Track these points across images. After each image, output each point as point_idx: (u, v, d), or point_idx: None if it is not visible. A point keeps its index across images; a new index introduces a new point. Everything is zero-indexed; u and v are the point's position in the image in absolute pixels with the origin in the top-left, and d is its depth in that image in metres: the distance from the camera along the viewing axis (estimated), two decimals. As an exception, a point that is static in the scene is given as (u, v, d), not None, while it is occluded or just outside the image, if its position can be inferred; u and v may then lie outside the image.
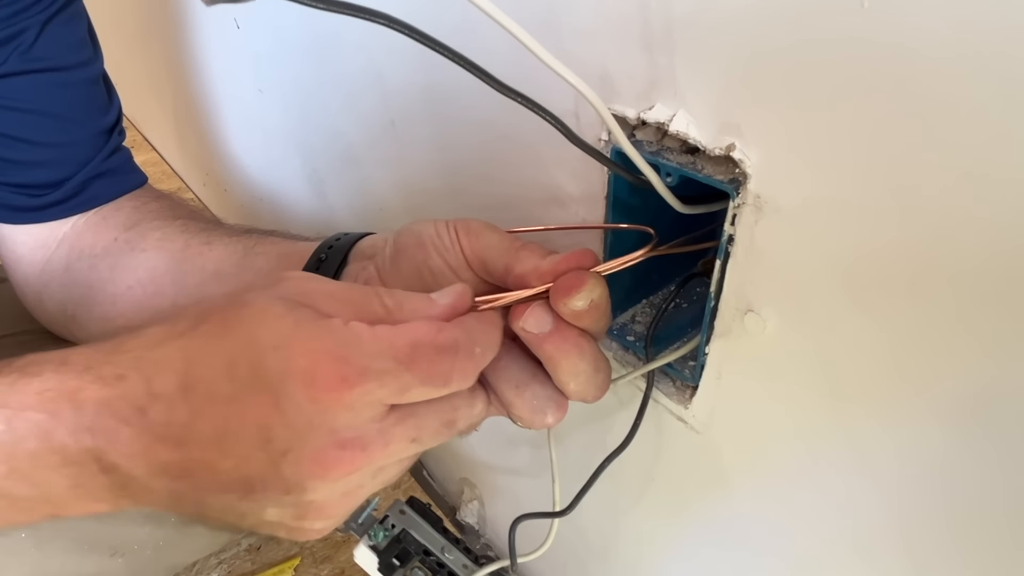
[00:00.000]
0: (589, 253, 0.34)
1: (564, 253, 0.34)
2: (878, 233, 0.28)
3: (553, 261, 0.34)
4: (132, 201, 0.59)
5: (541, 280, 0.34)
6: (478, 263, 0.37)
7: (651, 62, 0.34)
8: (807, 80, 0.28)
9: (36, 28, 0.50)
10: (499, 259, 0.36)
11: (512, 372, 0.36)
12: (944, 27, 0.23)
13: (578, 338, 0.34)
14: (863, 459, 0.34)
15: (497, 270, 0.36)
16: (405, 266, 0.39)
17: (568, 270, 0.33)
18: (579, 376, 0.34)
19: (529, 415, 0.36)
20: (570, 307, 0.32)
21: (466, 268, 0.37)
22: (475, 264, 0.37)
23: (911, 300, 0.28)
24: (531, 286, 0.34)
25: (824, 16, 0.26)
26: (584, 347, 0.34)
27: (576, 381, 0.34)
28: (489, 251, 0.37)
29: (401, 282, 0.39)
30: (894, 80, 0.25)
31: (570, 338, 0.33)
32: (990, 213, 0.25)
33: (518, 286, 0.35)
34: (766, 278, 0.34)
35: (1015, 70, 0.22)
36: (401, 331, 0.30)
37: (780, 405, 0.36)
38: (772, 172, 0.31)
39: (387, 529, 0.47)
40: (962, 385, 0.28)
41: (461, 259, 0.37)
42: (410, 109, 0.56)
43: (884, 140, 0.26)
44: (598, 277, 0.33)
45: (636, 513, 0.52)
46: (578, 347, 0.34)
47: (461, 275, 0.38)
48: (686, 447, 0.44)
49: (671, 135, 0.34)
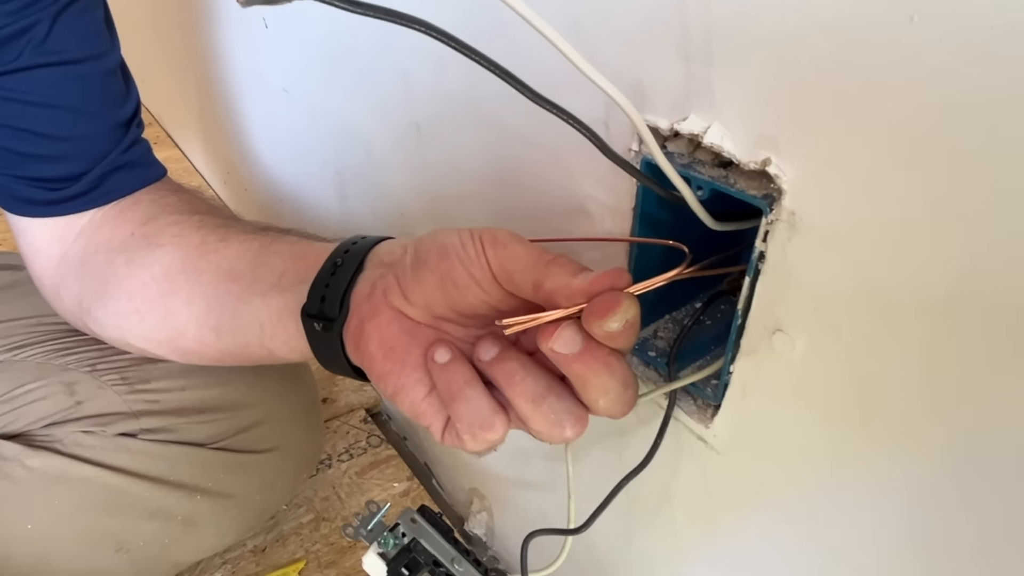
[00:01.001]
0: (624, 273, 0.33)
1: (597, 272, 0.33)
2: (917, 259, 0.27)
3: (586, 280, 0.33)
4: (150, 195, 0.58)
5: (571, 300, 0.33)
6: (505, 276, 0.36)
7: (687, 71, 0.33)
8: (850, 96, 0.27)
9: (48, 21, 0.49)
10: (527, 273, 0.35)
11: (528, 386, 0.35)
12: (999, 51, 0.22)
13: (608, 357, 0.33)
14: (891, 489, 0.33)
15: (525, 284, 0.35)
16: (427, 277, 0.38)
17: (602, 291, 0.32)
18: (608, 394, 0.33)
19: (548, 429, 0.35)
20: (605, 328, 0.32)
21: (492, 281, 0.36)
22: (501, 277, 0.36)
23: (948, 330, 0.27)
24: (561, 305, 0.33)
25: (871, 29, 0.25)
26: (614, 366, 0.33)
27: (606, 399, 0.34)
28: (516, 264, 0.35)
29: (423, 294, 0.38)
30: (940, 103, 0.24)
31: (600, 357, 0.33)
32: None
33: (547, 302, 0.34)
34: (797, 298, 0.33)
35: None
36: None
37: (806, 428, 0.35)
38: (808, 189, 0.30)
39: (397, 537, 0.47)
40: (998, 422, 0.27)
41: (487, 272, 0.36)
42: (436, 113, 0.55)
43: (929, 164, 0.26)
44: (632, 298, 0.32)
45: (650, 531, 0.51)
46: (608, 366, 0.33)
47: (486, 288, 0.36)
48: (705, 467, 0.43)
49: (704, 147, 0.34)
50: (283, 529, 0.77)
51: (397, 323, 0.39)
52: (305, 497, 0.81)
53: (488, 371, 0.37)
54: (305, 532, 0.77)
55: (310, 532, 0.77)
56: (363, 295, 0.41)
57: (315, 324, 0.43)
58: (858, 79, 0.26)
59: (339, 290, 0.42)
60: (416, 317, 0.39)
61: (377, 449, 0.87)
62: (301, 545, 0.76)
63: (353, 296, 0.42)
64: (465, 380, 0.36)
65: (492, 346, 0.37)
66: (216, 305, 0.51)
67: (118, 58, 0.57)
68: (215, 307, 0.51)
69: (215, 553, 0.73)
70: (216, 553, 0.73)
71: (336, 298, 0.42)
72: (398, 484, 0.83)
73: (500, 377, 0.36)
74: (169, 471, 0.63)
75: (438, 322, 0.39)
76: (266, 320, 0.48)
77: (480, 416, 0.36)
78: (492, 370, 0.36)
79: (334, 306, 0.42)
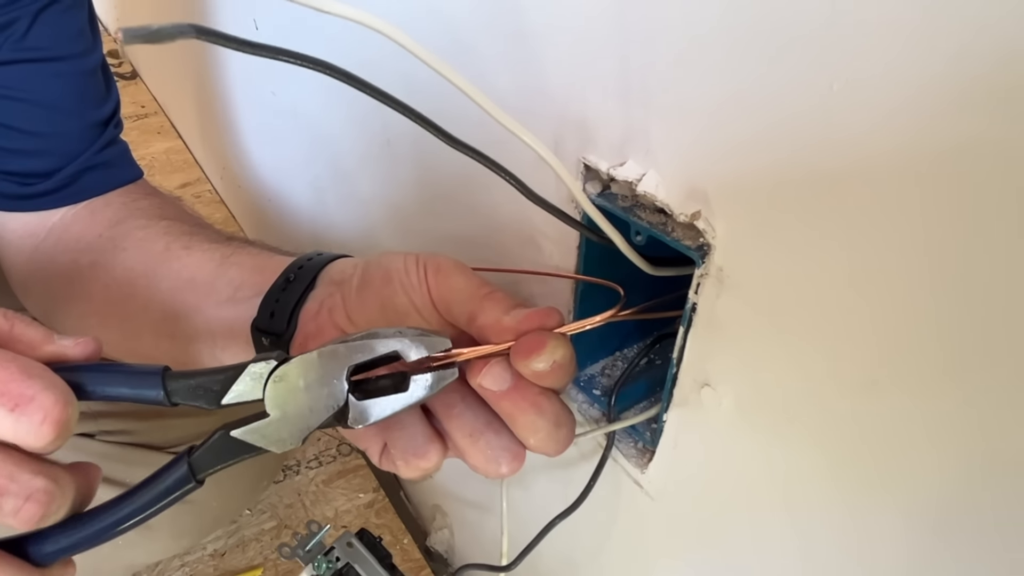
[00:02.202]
0: (554, 312, 0.33)
1: (528, 310, 0.33)
2: (841, 328, 0.27)
3: (516, 318, 0.33)
4: (122, 197, 0.58)
5: (501, 336, 0.33)
6: (444, 305, 0.36)
7: (627, 117, 0.32)
8: (774, 162, 0.26)
9: (29, 17, 0.50)
10: (463, 305, 0.35)
11: (466, 420, 0.35)
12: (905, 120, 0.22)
13: (537, 396, 0.32)
14: (814, 550, 0.32)
15: (460, 317, 0.35)
16: (370, 300, 0.38)
17: (530, 329, 0.32)
18: (539, 433, 0.33)
19: (483, 464, 0.35)
20: (531, 368, 0.31)
21: (431, 309, 0.36)
22: (440, 306, 0.36)
23: (874, 402, 0.27)
24: (491, 340, 0.33)
25: (792, 98, 0.25)
26: (543, 405, 0.32)
27: (536, 437, 0.33)
28: (455, 295, 0.35)
29: (365, 316, 0.38)
30: (860, 176, 0.24)
31: (528, 396, 0.32)
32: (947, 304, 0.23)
33: (478, 336, 0.34)
34: (725, 354, 0.32)
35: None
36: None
37: (731, 483, 0.35)
38: (736, 247, 0.29)
39: (331, 561, 0.46)
40: (925, 489, 0.26)
41: (427, 300, 0.36)
42: (405, 131, 0.55)
43: (847, 234, 0.25)
44: (561, 338, 0.32)
45: (591, 570, 0.50)
46: (536, 405, 0.32)
47: (426, 316, 0.36)
48: (640, 512, 0.42)
49: (640, 195, 0.33)
50: (244, 534, 0.77)
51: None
52: (269, 503, 0.80)
53: (428, 401, 0.36)
54: (266, 539, 0.77)
55: (271, 539, 0.77)
56: (311, 313, 0.41)
57: (263, 339, 0.43)
58: (778, 145, 0.26)
59: (288, 306, 0.42)
60: None
61: (347, 458, 0.86)
62: (261, 552, 0.76)
63: (302, 313, 0.42)
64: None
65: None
66: (171, 313, 0.51)
67: (99, 58, 0.57)
68: (170, 315, 0.51)
69: (173, 555, 0.73)
70: (174, 555, 0.73)
71: (285, 314, 0.42)
72: (364, 495, 0.82)
73: (440, 408, 0.36)
74: (125, 473, 0.63)
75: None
76: (218, 331, 0.48)
77: (414, 444, 0.35)
78: (432, 401, 0.36)
79: (282, 322, 0.42)
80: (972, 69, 0.20)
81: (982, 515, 0.25)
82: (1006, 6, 0.19)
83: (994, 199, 0.21)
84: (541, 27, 0.35)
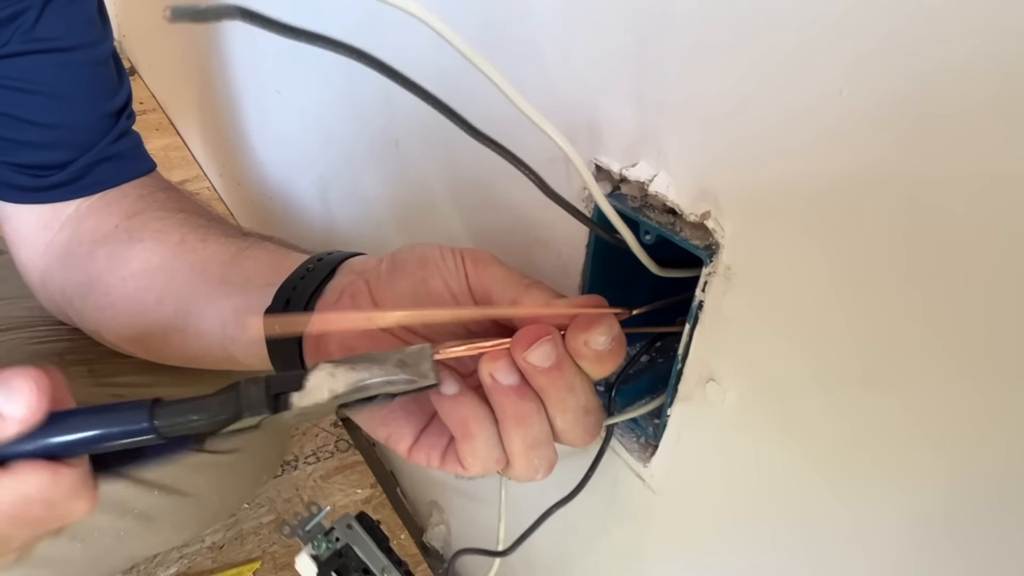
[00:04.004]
0: (601, 299, 0.34)
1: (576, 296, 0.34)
2: (845, 325, 0.28)
3: (568, 300, 0.34)
4: (138, 189, 0.59)
5: (551, 318, 0.33)
6: (482, 292, 0.36)
7: (639, 119, 0.33)
8: (783, 165, 0.27)
9: (38, 8, 0.50)
10: (505, 292, 0.35)
11: (533, 431, 0.34)
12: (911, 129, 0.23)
13: (573, 377, 0.33)
14: (816, 549, 0.33)
15: (502, 302, 0.35)
16: (402, 283, 0.38)
17: (583, 308, 0.33)
18: (567, 413, 0.33)
19: (526, 474, 0.35)
20: (591, 342, 0.32)
21: (467, 295, 0.36)
22: (478, 293, 0.36)
23: (876, 399, 0.28)
24: (540, 321, 0.33)
25: (804, 107, 0.26)
26: (576, 386, 0.33)
27: (563, 418, 0.33)
28: (496, 283, 0.36)
29: (394, 297, 0.38)
30: (863, 179, 0.25)
31: (566, 375, 0.32)
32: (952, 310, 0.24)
33: (523, 320, 0.34)
34: (730, 350, 0.33)
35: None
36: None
37: (734, 479, 0.36)
38: (744, 246, 0.31)
39: (331, 541, 0.47)
40: (929, 487, 0.28)
41: (464, 286, 0.36)
42: (414, 130, 0.56)
43: (851, 234, 0.26)
44: (614, 318, 0.33)
45: (587, 561, 0.51)
46: (570, 385, 0.33)
47: (461, 301, 0.37)
48: (641, 504, 0.43)
49: (651, 195, 0.34)
50: (243, 528, 0.78)
51: (361, 328, 0.39)
52: (268, 497, 0.81)
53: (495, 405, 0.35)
54: (264, 532, 0.78)
55: (269, 533, 0.78)
56: (330, 302, 0.41)
57: (275, 325, 0.43)
58: (790, 152, 0.27)
59: (305, 295, 0.42)
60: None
61: (344, 454, 0.87)
62: (259, 545, 0.77)
63: (319, 304, 0.42)
64: (479, 416, 0.34)
65: (510, 373, 0.34)
66: (184, 307, 0.51)
67: (110, 48, 0.57)
68: (183, 308, 0.51)
69: (172, 547, 0.73)
70: (173, 547, 0.74)
71: (301, 303, 0.42)
72: (361, 491, 0.83)
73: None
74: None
75: (403, 333, 0.39)
76: (229, 321, 0.48)
77: (496, 454, 0.34)
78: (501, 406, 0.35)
79: (298, 310, 0.42)
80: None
81: (986, 515, 0.26)
82: None
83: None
84: (554, 32, 0.36)
